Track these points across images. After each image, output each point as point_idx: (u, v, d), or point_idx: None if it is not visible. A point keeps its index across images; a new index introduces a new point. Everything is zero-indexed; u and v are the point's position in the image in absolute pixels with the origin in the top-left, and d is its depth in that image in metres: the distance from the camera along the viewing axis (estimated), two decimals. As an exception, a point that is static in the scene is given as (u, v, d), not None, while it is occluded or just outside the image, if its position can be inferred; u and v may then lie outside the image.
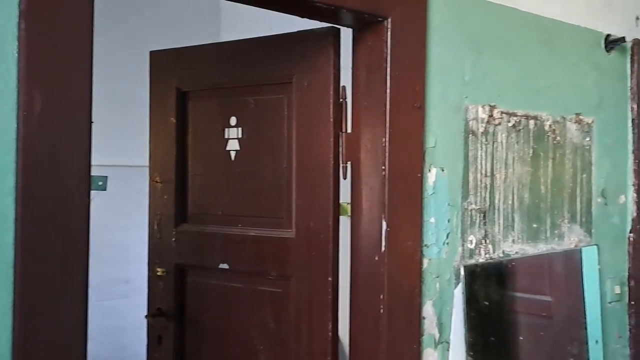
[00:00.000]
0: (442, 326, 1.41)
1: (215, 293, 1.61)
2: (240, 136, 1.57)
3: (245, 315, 1.53)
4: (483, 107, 1.52)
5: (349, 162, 1.37)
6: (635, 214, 1.90)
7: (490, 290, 1.57)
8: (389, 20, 1.29)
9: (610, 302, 1.85)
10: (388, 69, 1.31)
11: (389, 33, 1.30)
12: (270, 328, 1.48)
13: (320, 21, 1.33)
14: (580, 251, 1.80)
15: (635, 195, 1.91)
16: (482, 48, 1.51)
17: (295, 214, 1.45)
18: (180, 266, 1.69)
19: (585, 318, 1.84)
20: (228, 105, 1.58)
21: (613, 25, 1.85)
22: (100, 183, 2.54)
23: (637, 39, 1.89)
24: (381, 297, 1.29)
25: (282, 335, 1.46)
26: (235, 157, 1.58)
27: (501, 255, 1.57)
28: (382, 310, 1.28)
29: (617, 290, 1.87)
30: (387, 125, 1.31)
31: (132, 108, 2.23)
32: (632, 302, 1.88)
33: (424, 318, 1.37)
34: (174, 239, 1.67)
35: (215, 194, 1.62)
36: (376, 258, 1.30)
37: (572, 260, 1.82)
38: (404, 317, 1.33)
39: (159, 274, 1.69)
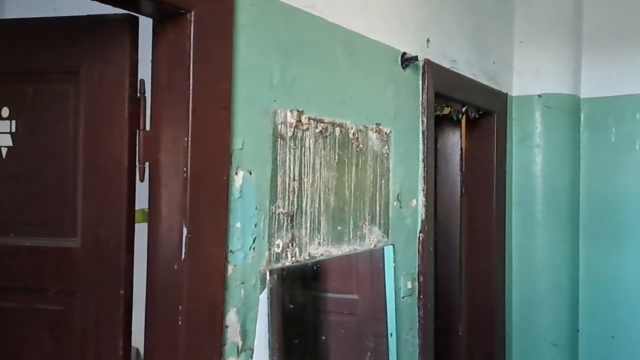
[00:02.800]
0: (246, 333, 1.38)
1: (-22, 316, 1.34)
2: (13, 130, 1.34)
3: (18, 338, 1.31)
4: (291, 112, 1.53)
5: (146, 163, 1.26)
6: (424, 216, 2.11)
7: (296, 293, 1.59)
8: (192, 13, 1.22)
9: (403, 297, 2.02)
10: (191, 65, 1.23)
11: (192, 27, 1.23)
12: (49, 352, 1.28)
13: (115, 7, 1.20)
14: (381, 250, 1.93)
15: (424, 199, 2.12)
16: (290, 53, 1.52)
17: (81, 221, 1.28)
18: None
19: (386, 313, 1.98)
20: (-1, 94, 1.34)
21: (408, 44, 2.03)
22: None
23: (427, 59, 2.11)
24: (180, 308, 1.20)
25: (64, 358, 1.28)
26: (7, 154, 1.34)
27: (307, 257, 1.60)
28: (180, 322, 1.20)
29: (409, 285, 2.05)
30: (190, 124, 1.23)
31: None
32: (421, 296, 2.08)
33: (226, 326, 1.32)
34: None
35: (-20, 198, 1.35)
36: (175, 267, 1.21)
37: (374, 260, 1.94)
38: (205, 328, 1.26)
39: None
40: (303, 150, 1.58)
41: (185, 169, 1.22)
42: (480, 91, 2.50)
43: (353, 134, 1.78)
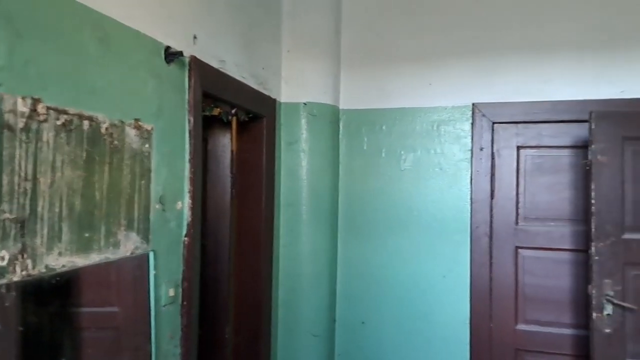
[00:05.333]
0: (-49, 369, 1.11)
1: None
2: None
3: None
4: (23, 99, 1.31)
5: None
6: (190, 219, 2.04)
7: (29, 313, 1.36)
8: None
9: (164, 305, 1.91)
10: None
11: None
12: None
13: None
14: (140, 258, 1.79)
15: (190, 201, 2.04)
16: (23, 31, 1.30)
17: None
18: None
19: (150, 324, 1.84)
20: None
21: (173, 38, 1.93)
22: None
23: (194, 56, 2.04)
24: None
25: None
26: None
27: (44, 270, 1.38)
28: None
29: (172, 292, 1.95)
30: None
31: None
32: (185, 303, 2.00)
33: None
34: None
35: None
36: None
37: (133, 268, 1.79)
38: None
39: None
40: (39, 145, 1.36)
41: None
42: (249, 95, 2.54)
43: (106, 128, 1.61)
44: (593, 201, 2.41)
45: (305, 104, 2.92)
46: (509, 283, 2.85)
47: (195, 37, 2.09)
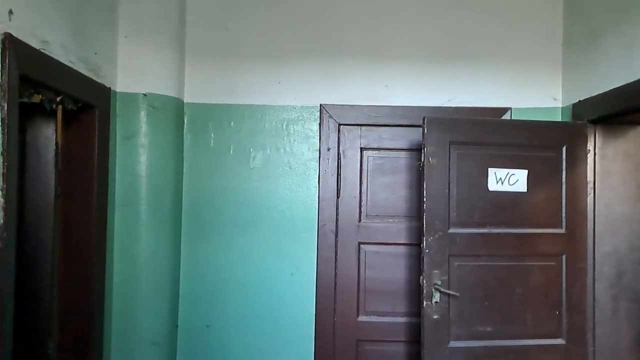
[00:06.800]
0: None
1: None
2: None
3: None
4: None
5: None
6: (2, 221, 1.75)
7: None
8: None
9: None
10: None
11: None
12: None
13: None
14: None
15: (3, 200, 1.75)
16: None
17: None
18: None
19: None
20: None
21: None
22: None
23: (9, 33, 1.75)
24: None
25: None
26: None
27: None
28: None
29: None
30: None
31: None
32: (-7, 320, 1.71)
33: None
34: None
35: None
36: None
37: None
38: None
39: None
40: None
41: None
42: (79, 81, 2.26)
43: None
44: (425, 199, 2.62)
45: (145, 94, 2.71)
46: (352, 277, 2.98)
47: (11, 12, 1.79)
